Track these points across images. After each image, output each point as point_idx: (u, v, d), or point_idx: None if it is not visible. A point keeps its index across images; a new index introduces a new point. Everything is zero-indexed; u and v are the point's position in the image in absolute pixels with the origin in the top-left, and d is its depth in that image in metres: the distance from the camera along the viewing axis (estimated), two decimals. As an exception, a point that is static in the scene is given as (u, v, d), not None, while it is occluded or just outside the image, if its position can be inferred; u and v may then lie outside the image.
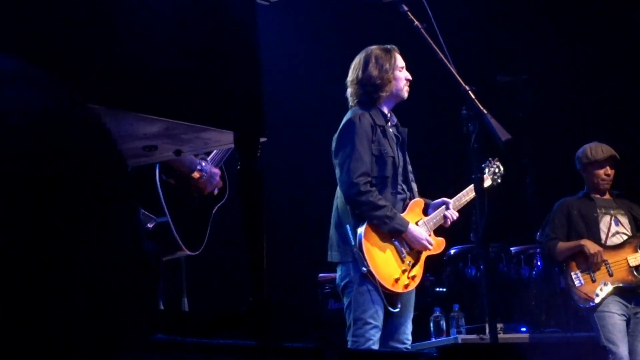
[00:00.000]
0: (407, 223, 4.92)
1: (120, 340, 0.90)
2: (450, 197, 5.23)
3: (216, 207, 4.47)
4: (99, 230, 0.88)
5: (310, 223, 7.12)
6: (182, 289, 5.42)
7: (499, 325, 6.08)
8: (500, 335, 5.98)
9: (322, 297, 6.95)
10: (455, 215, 5.17)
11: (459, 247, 7.39)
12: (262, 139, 2.94)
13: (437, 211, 5.15)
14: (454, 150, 5.14)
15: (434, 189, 5.31)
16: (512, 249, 7.44)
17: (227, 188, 4.51)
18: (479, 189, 4.15)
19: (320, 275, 6.94)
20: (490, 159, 5.58)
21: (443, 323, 6.77)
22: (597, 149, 6.43)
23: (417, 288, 5.11)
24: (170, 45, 2.75)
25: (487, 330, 5.96)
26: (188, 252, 4.20)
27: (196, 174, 4.26)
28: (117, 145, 0.96)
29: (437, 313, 6.81)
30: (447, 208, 5.15)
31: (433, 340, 6.67)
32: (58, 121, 0.89)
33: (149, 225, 3.95)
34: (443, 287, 7.47)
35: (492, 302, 4.28)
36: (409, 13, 4.24)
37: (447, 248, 7.40)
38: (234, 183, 2.95)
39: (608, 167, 6.40)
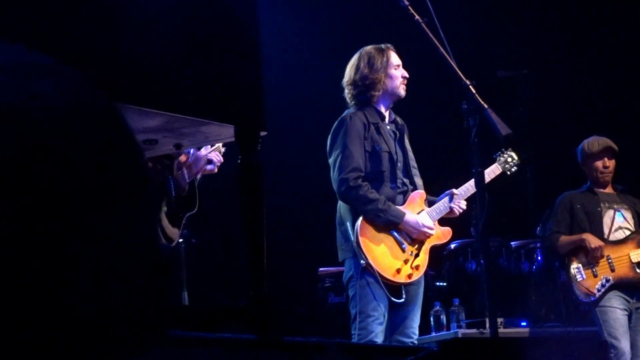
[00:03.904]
0: (403, 214, 4.92)
1: (137, 340, 0.90)
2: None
3: (187, 215, 4.55)
4: (119, 227, 0.88)
5: (310, 217, 7.13)
6: (182, 283, 5.43)
7: (499, 320, 6.08)
8: (501, 330, 5.99)
9: (322, 291, 6.96)
10: (464, 204, 5.17)
11: (459, 241, 7.39)
12: (263, 133, 2.94)
13: (441, 201, 5.16)
14: (454, 145, 5.14)
15: (437, 183, 5.31)
16: (512, 243, 7.45)
17: (197, 201, 4.59)
18: (479, 183, 4.15)
19: (320, 269, 6.95)
20: (502, 149, 5.61)
21: (443, 317, 6.78)
22: (593, 142, 6.46)
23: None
24: (171, 39, 2.74)
25: (487, 325, 5.97)
26: (162, 240, 4.27)
27: (183, 157, 4.35)
28: (138, 142, 0.96)
29: (438, 307, 6.81)
30: (451, 199, 5.14)
31: (433, 334, 6.68)
32: (84, 116, 0.89)
33: None
34: (443, 282, 7.48)
35: (492, 297, 4.28)
36: (409, 8, 4.24)
37: (448, 242, 7.43)
38: (233, 177, 2.94)
39: (606, 159, 6.41)
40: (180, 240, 5.58)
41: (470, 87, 4.08)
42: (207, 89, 2.83)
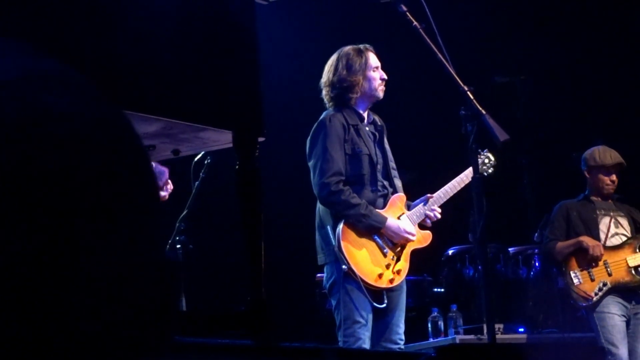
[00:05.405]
0: (385, 219, 4.87)
1: (142, 348, 0.90)
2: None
3: None
4: (128, 236, 0.88)
5: (308, 223, 7.11)
6: (181, 289, 5.42)
7: (497, 326, 6.08)
8: (498, 336, 5.98)
9: (319, 297, 6.95)
10: (438, 211, 5.07)
11: (457, 247, 7.39)
12: (261, 139, 2.95)
13: (419, 205, 5.09)
14: (451, 150, 5.14)
15: (431, 188, 5.30)
16: (510, 249, 7.45)
17: None
18: (477, 188, 4.14)
19: (318, 275, 6.94)
20: (479, 150, 5.48)
21: (441, 323, 6.77)
22: (605, 154, 6.39)
23: (415, 288, 5.10)
24: (169, 45, 2.75)
25: (485, 331, 5.96)
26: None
27: None
28: (146, 151, 0.96)
29: (435, 313, 6.81)
30: (425, 204, 5.08)
31: (431, 340, 6.67)
32: (95, 128, 0.88)
33: None
34: (441, 288, 7.47)
35: (490, 303, 4.28)
36: (407, 13, 4.24)
37: (446, 248, 7.43)
38: (231, 183, 2.95)
39: (614, 174, 6.39)
40: (178, 246, 5.58)
41: (468, 92, 4.09)
42: (205, 94, 2.83)
